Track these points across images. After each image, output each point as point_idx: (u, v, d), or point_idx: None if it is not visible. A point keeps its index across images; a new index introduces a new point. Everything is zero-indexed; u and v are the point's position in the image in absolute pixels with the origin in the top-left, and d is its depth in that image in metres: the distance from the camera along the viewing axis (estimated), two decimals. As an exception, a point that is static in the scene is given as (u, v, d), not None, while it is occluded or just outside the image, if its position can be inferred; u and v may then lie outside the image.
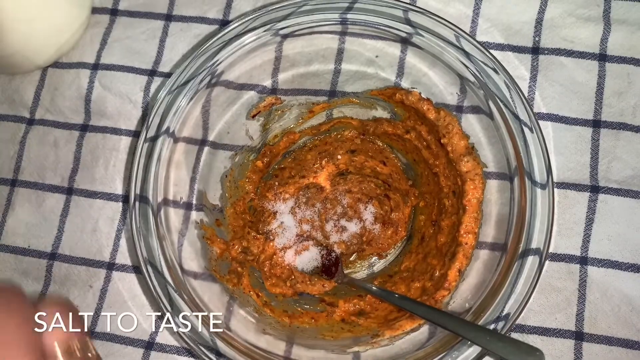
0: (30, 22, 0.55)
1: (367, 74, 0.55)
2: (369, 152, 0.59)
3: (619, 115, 0.55)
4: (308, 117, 0.58)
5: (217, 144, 0.54)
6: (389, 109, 0.56)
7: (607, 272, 0.53)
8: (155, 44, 0.61)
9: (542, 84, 0.56)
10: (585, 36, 0.57)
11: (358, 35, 0.53)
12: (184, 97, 0.50)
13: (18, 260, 0.58)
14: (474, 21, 0.58)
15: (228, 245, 0.54)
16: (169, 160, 0.50)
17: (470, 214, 0.50)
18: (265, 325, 0.51)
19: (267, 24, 0.50)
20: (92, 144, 0.60)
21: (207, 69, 0.50)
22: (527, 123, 0.47)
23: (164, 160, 0.50)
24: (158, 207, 0.49)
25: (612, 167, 0.54)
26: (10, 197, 0.60)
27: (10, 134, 0.61)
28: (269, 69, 0.55)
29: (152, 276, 0.47)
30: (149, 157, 0.49)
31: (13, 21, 0.54)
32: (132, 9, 0.62)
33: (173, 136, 0.50)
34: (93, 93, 0.60)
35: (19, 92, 0.62)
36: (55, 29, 0.58)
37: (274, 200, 0.58)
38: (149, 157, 0.49)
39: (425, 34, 0.49)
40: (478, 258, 0.50)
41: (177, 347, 0.55)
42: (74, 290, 0.57)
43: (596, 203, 0.54)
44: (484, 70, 0.48)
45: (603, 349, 0.51)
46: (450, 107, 0.52)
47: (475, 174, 0.51)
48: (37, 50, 0.59)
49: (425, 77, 0.52)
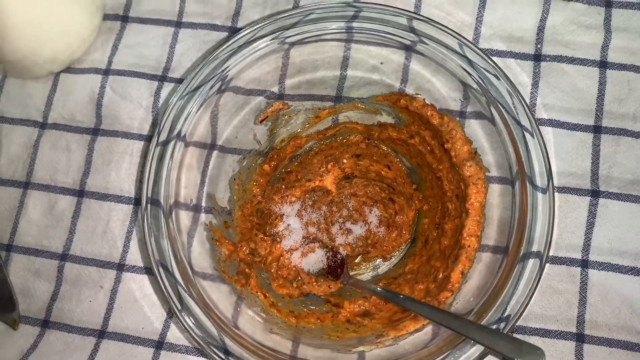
0: (41, 26, 0.56)
1: (372, 80, 0.56)
2: (373, 156, 0.60)
3: (620, 121, 0.56)
4: (314, 122, 0.59)
5: (225, 148, 0.55)
6: (393, 114, 0.57)
7: (608, 275, 0.53)
8: (166, 50, 0.62)
9: (543, 90, 0.57)
10: (587, 43, 0.57)
11: (363, 43, 0.54)
12: (194, 103, 0.51)
13: (30, 261, 0.60)
14: (477, 29, 0.59)
15: (236, 246, 0.55)
16: (179, 164, 0.51)
17: (473, 218, 0.51)
18: (272, 325, 0.52)
19: (275, 32, 0.51)
20: (104, 147, 0.61)
21: (217, 75, 0.51)
22: (529, 128, 0.48)
23: (175, 163, 0.51)
24: (169, 209, 0.50)
25: (612, 172, 0.55)
26: (23, 200, 0.61)
27: (24, 137, 0.62)
28: (276, 76, 0.56)
29: (163, 276, 0.48)
30: (161, 161, 0.50)
31: (23, 25, 0.54)
32: (142, 16, 0.63)
33: (184, 140, 0.51)
34: (104, 98, 0.62)
35: (32, 96, 0.63)
36: (66, 34, 0.59)
37: (281, 203, 0.59)
38: (160, 161, 0.50)
39: (429, 42, 0.50)
40: (480, 260, 0.51)
41: (187, 346, 0.56)
42: (85, 291, 0.58)
43: (597, 207, 0.54)
44: (486, 77, 0.49)
45: (604, 351, 0.52)
46: (454, 113, 0.53)
47: (477, 178, 0.51)
48: (48, 55, 0.60)
49: (429, 83, 0.53)
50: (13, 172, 0.62)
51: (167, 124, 0.51)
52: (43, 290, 0.59)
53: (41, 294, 0.59)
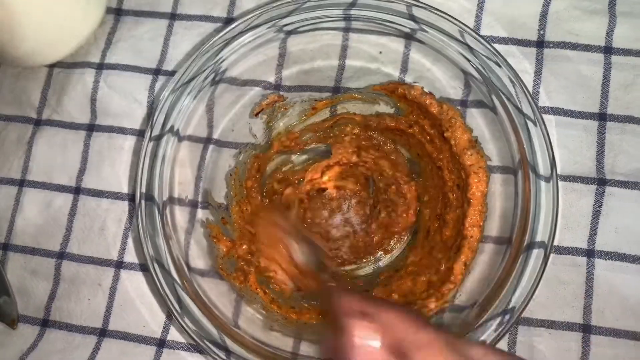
0: (45, 14, 0.55)
1: (370, 70, 0.55)
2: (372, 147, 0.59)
3: (625, 108, 0.55)
4: (311, 114, 0.58)
5: (221, 142, 0.55)
6: (391, 103, 0.56)
7: (614, 265, 0.52)
8: (160, 43, 0.61)
9: (546, 78, 0.56)
10: (591, 29, 0.56)
11: (361, 32, 0.53)
12: (187, 96, 0.50)
13: (27, 259, 0.59)
14: (478, 15, 0.58)
15: (234, 243, 0.54)
16: (174, 159, 0.50)
17: (475, 207, 0.50)
18: (272, 321, 0.52)
19: (270, 20, 0.50)
20: (99, 143, 0.60)
21: (211, 66, 0.50)
22: (531, 117, 0.47)
23: (169, 158, 0.50)
24: (164, 206, 0.50)
25: (618, 160, 0.54)
26: (19, 198, 0.60)
27: (18, 134, 0.61)
28: (272, 66, 0.55)
29: (159, 275, 0.48)
30: (154, 156, 0.49)
31: (25, 12, 0.53)
32: (136, 8, 0.62)
33: (178, 135, 0.50)
34: (98, 93, 0.61)
35: (26, 92, 0.62)
36: (69, 23, 0.58)
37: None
38: (154, 156, 0.49)
39: (429, 29, 0.49)
40: (483, 252, 0.50)
41: (188, 345, 0.55)
42: (83, 289, 0.58)
43: (603, 196, 0.54)
44: (488, 65, 0.48)
45: (611, 341, 0.51)
46: (454, 102, 0.52)
47: (479, 167, 0.51)
48: (50, 44, 0.59)
49: (429, 72, 0.52)
50: (8, 170, 0.61)
51: (160, 118, 0.50)
52: (41, 289, 0.58)
53: (39, 293, 0.58)
